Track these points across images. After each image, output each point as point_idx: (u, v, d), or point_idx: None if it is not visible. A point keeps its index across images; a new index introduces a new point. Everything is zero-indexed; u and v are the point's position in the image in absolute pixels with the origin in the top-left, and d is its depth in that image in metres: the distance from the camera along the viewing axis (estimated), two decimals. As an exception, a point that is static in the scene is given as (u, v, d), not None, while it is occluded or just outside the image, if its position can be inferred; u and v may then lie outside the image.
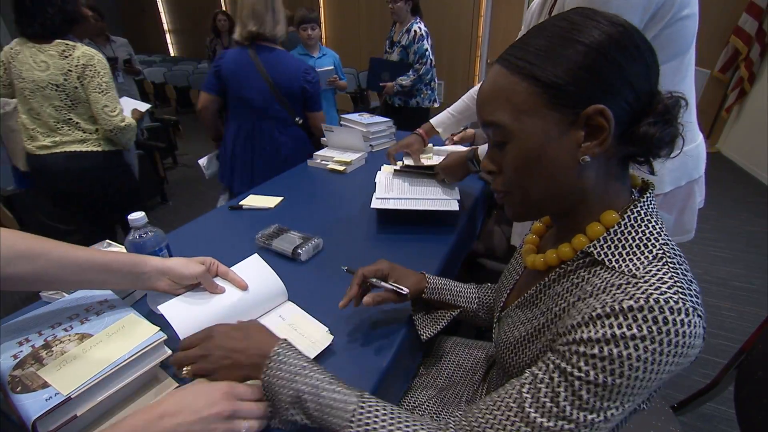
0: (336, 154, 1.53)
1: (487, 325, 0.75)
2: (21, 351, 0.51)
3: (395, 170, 1.22)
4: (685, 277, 0.38)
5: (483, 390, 0.72)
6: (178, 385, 0.56)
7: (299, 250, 0.88)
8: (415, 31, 2.43)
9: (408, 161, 1.24)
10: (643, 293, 0.35)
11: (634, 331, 0.34)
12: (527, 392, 0.39)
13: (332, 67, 2.36)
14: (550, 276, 0.49)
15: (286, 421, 0.46)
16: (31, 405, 0.44)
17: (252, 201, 1.20)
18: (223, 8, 7.95)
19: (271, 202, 1.20)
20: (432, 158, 1.36)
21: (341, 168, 1.45)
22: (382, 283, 0.64)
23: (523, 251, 0.57)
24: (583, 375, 0.35)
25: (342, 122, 1.76)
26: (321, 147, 1.64)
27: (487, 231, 1.33)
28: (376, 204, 1.02)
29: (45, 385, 0.47)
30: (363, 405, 0.44)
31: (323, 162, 1.51)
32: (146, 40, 10.42)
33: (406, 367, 0.73)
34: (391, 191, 1.09)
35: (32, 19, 1.29)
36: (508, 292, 0.61)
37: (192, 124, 5.80)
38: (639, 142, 0.40)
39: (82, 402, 0.47)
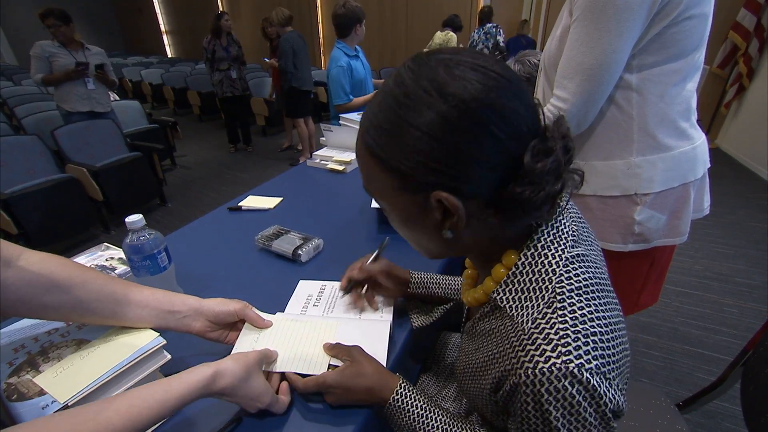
0: (335, 154, 1.52)
1: None
2: (17, 358, 0.50)
3: None
4: (576, 325, 0.35)
5: None
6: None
7: (299, 251, 0.87)
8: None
9: None
10: (529, 359, 0.35)
11: (531, 405, 0.35)
12: None
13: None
14: (475, 316, 0.48)
15: None
16: (28, 413, 0.43)
17: (251, 202, 1.19)
18: (221, 9, 7.95)
19: (270, 202, 1.19)
20: None
21: (341, 168, 1.44)
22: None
23: (463, 284, 0.56)
24: None
25: (342, 122, 1.75)
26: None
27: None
28: (377, 203, 1.01)
29: (41, 392, 0.45)
30: None
31: (322, 162, 1.50)
32: (143, 42, 10.40)
33: (409, 366, 0.73)
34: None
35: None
36: (466, 312, 0.61)
37: (190, 125, 5.80)
38: (508, 205, 0.37)
39: (80, 409, 0.46)
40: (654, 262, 0.93)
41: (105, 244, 0.85)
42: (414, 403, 0.52)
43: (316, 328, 0.64)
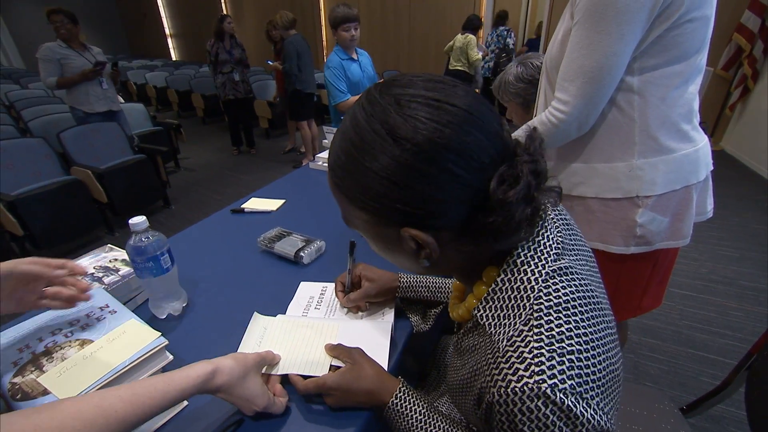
0: (337, 156, 1.52)
1: None
2: (21, 358, 0.51)
3: None
4: (552, 343, 0.34)
5: None
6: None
7: (301, 253, 0.87)
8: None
9: None
10: (502, 377, 0.34)
11: (506, 424, 0.34)
12: None
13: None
14: (460, 332, 0.48)
15: None
16: (31, 413, 0.44)
17: (254, 204, 1.20)
18: (224, 12, 8.01)
19: (272, 204, 1.19)
20: None
21: (343, 170, 1.44)
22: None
23: (451, 297, 0.56)
24: None
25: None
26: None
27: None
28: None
29: (45, 392, 0.46)
30: None
31: (325, 164, 1.51)
32: (148, 45, 10.49)
33: (410, 368, 0.73)
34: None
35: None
36: (456, 327, 0.61)
37: (194, 127, 5.83)
38: (480, 234, 0.36)
39: (83, 409, 0.47)
40: (657, 265, 0.93)
41: (109, 245, 0.85)
42: (413, 407, 0.52)
43: (318, 330, 0.64)
